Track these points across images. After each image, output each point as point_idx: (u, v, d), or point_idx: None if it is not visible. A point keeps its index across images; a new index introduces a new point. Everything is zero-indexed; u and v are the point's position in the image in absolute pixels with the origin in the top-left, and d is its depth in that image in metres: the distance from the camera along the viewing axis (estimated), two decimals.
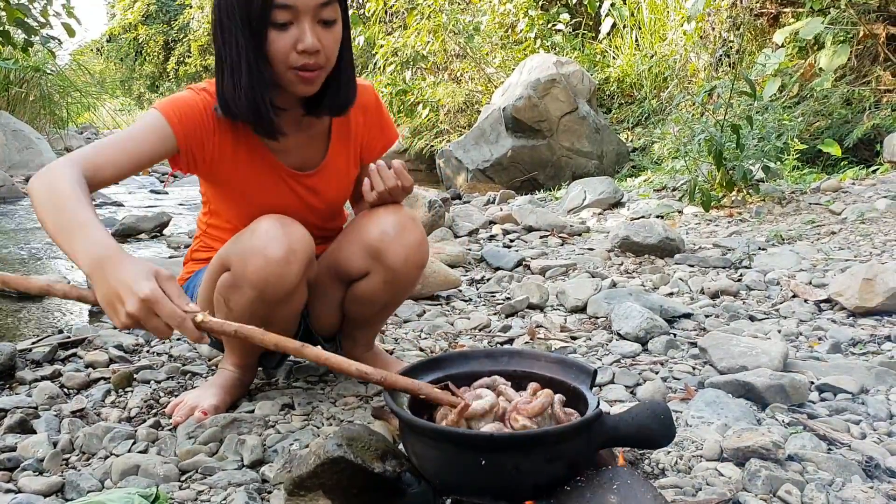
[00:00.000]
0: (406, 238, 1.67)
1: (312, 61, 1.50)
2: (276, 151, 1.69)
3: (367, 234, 1.68)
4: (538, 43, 9.62)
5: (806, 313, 2.52)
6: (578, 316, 2.62)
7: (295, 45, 1.48)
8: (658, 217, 4.60)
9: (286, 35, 1.48)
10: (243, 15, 1.47)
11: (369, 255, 1.68)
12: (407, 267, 1.69)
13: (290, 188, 1.73)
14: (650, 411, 1.15)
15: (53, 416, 1.72)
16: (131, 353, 2.26)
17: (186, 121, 1.56)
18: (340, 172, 1.79)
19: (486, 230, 4.47)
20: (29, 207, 5.81)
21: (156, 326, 1.18)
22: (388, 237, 1.66)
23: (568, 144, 7.43)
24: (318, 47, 1.49)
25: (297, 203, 1.74)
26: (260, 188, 1.69)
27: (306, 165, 1.74)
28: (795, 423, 1.65)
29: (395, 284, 1.73)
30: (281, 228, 1.52)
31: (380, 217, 1.68)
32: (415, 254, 1.69)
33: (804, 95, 6.38)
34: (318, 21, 1.49)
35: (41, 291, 1.31)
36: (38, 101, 10.45)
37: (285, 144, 1.69)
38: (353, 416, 1.70)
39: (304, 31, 1.47)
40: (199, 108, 1.59)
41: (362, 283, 1.74)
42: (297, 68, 1.50)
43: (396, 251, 1.66)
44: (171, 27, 25.97)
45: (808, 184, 4.89)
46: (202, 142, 1.59)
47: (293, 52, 1.49)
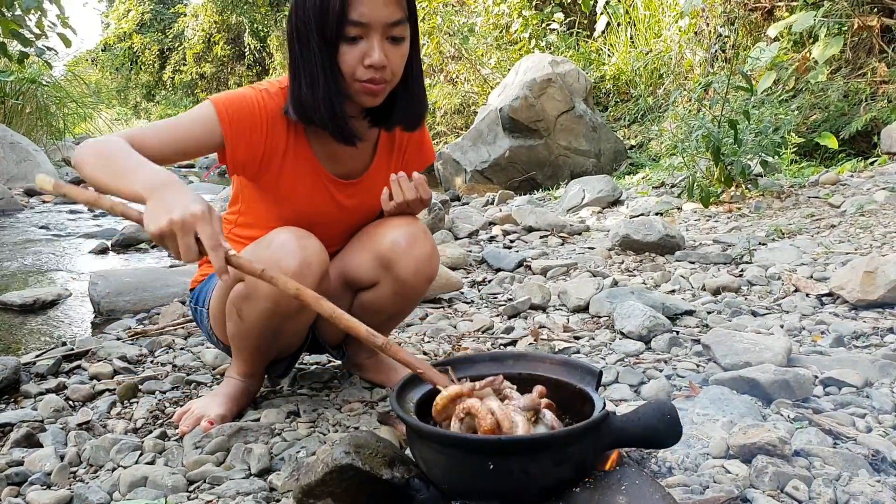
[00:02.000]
0: (417, 250, 1.68)
1: (378, 76, 1.54)
2: (323, 158, 1.71)
3: (378, 244, 1.69)
4: (533, 43, 9.64)
5: (808, 307, 2.52)
6: (581, 315, 2.62)
7: (363, 59, 1.52)
8: (657, 214, 4.61)
9: (356, 49, 1.51)
10: (318, 27, 1.51)
11: (380, 264, 1.69)
12: (416, 279, 1.69)
13: (330, 195, 1.74)
14: (657, 411, 1.15)
15: (60, 430, 1.72)
16: (135, 363, 2.26)
17: (237, 117, 1.58)
18: (380, 184, 1.78)
19: (486, 231, 4.47)
20: (26, 220, 5.82)
21: (187, 245, 1.23)
22: (400, 248, 1.66)
23: (565, 143, 7.43)
24: (385, 63, 1.53)
25: (334, 210, 1.76)
26: (303, 192, 1.71)
27: (350, 174, 1.76)
28: (801, 419, 1.65)
29: (403, 296, 1.74)
30: (296, 241, 1.53)
31: (392, 227, 1.69)
32: (425, 266, 1.69)
33: (800, 89, 6.38)
34: (387, 38, 1.53)
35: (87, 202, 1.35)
36: (35, 113, 10.45)
37: (333, 152, 1.71)
38: (358, 422, 1.71)
39: (372, 46, 1.51)
40: (254, 106, 1.61)
41: (371, 293, 1.74)
42: (364, 81, 1.54)
43: (407, 263, 1.67)
44: (165, 35, 25.98)
45: (807, 177, 4.89)
46: (251, 140, 1.61)
47: (360, 65, 1.52)
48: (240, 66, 23.51)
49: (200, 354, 2.26)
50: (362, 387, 1.93)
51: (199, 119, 1.57)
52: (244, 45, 22.76)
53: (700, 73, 7.70)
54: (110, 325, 2.77)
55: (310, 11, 1.51)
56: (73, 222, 5.77)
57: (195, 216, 1.24)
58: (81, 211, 6.46)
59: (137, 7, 26.66)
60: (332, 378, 2.01)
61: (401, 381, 1.32)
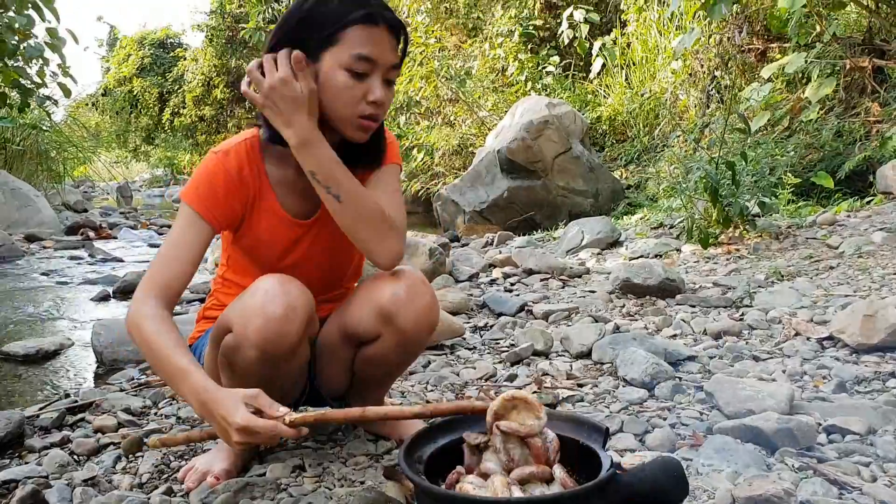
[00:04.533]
0: (418, 301, 1.69)
1: (377, 113, 1.62)
2: (283, 197, 1.74)
3: (378, 297, 1.70)
4: (529, 85, 9.75)
5: (809, 351, 2.53)
6: (584, 362, 2.63)
7: (366, 95, 1.58)
8: (657, 256, 4.63)
9: (361, 85, 1.58)
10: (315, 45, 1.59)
11: (380, 318, 1.70)
12: (418, 330, 1.71)
13: (293, 235, 1.76)
14: (663, 469, 1.16)
15: (65, 486, 1.72)
16: (139, 415, 2.26)
17: (209, 198, 1.64)
18: None
19: (487, 274, 4.49)
20: (27, 266, 5.83)
21: (262, 440, 1.36)
22: (400, 300, 1.67)
23: (563, 184, 7.48)
24: (385, 101, 1.62)
25: (306, 253, 1.79)
26: (269, 237, 1.75)
27: (308, 212, 1.78)
28: (805, 468, 1.65)
29: (406, 347, 1.75)
30: (280, 287, 1.54)
31: (391, 280, 1.70)
32: (426, 317, 1.71)
33: (795, 129, 6.46)
34: (384, 80, 1.61)
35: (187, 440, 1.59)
36: (35, 158, 10.52)
37: (291, 185, 1.74)
38: (364, 476, 1.70)
39: (376, 84, 1.59)
40: (218, 174, 1.66)
41: (373, 347, 1.75)
42: (363, 116, 1.61)
43: (408, 315, 1.68)
44: (165, 79, 26.26)
45: (804, 217, 4.93)
46: (228, 205, 1.67)
47: (363, 101, 1.59)
48: (239, 108, 23.73)
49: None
50: (367, 439, 1.93)
51: (185, 225, 1.63)
52: None
53: (695, 113, 7.79)
54: (113, 376, 2.77)
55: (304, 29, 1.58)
56: (73, 269, 5.78)
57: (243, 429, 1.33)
58: (82, 257, 6.48)
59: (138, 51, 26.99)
60: (335, 430, 2.01)
61: (409, 438, 1.33)
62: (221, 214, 1.66)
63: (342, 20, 1.55)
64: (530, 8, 10.39)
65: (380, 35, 1.57)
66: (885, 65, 6.13)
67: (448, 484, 1.21)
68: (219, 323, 1.65)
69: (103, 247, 7.18)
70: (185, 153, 25.46)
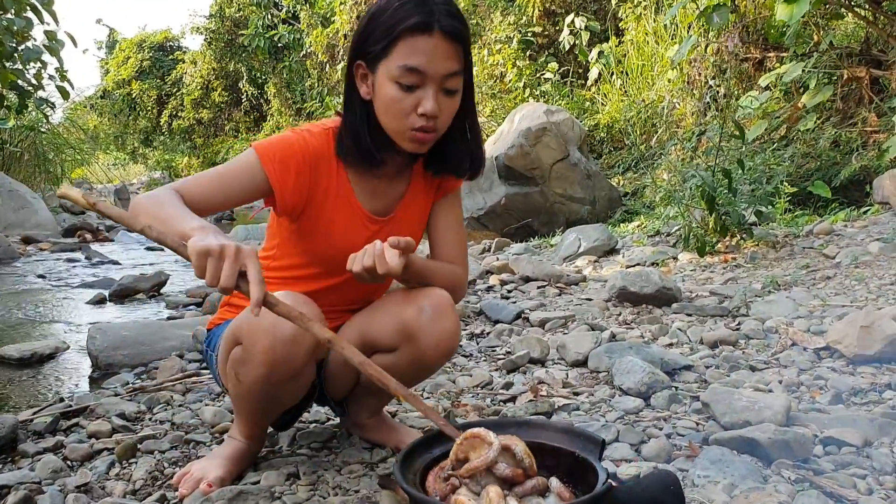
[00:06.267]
0: (442, 324, 1.64)
1: (430, 125, 1.57)
2: (361, 194, 1.74)
3: (403, 311, 1.66)
4: (527, 92, 9.77)
5: (805, 362, 2.53)
6: (580, 370, 2.63)
7: (416, 107, 1.55)
8: (653, 264, 4.63)
9: (411, 96, 1.55)
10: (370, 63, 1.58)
11: (402, 333, 1.66)
12: (437, 353, 1.67)
13: (364, 231, 1.74)
14: (660, 482, 1.15)
15: (58, 492, 1.71)
16: (134, 420, 2.25)
17: (281, 161, 1.62)
18: (414, 218, 1.82)
19: (484, 281, 4.48)
20: (23, 268, 5.81)
21: (231, 271, 1.25)
22: (425, 319, 1.63)
23: (561, 191, 7.49)
24: (437, 113, 1.56)
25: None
26: (339, 228, 1.72)
27: (387, 210, 1.78)
28: (802, 480, 1.65)
29: (420, 366, 1.71)
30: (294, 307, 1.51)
31: (419, 297, 1.66)
32: (448, 341, 1.66)
33: (792, 138, 6.47)
34: (441, 89, 1.56)
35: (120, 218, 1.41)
36: (33, 160, 10.53)
37: (371, 187, 1.74)
38: (358, 484, 1.70)
39: (427, 96, 1.54)
40: (297, 149, 1.65)
41: (387, 357, 1.70)
42: (415, 129, 1.58)
43: (430, 335, 1.64)
44: (164, 82, 26.26)
45: (801, 227, 4.93)
46: (297, 182, 1.64)
47: (413, 113, 1.56)
48: (237, 111, 23.74)
49: (199, 412, 2.25)
50: (362, 447, 1.92)
51: (244, 167, 1.61)
52: (241, 91, 22.99)
53: (693, 122, 7.80)
54: (108, 381, 2.76)
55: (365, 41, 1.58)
56: (70, 272, 5.77)
57: (247, 250, 1.28)
58: (79, 260, 6.47)
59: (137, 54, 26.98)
60: (331, 438, 2.00)
61: (405, 450, 1.32)
62: (288, 186, 1.63)
63: (394, 30, 1.52)
64: (529, 15, 10.41)
65: (432, 43, 1.52)
66: (881, 75, 6.15)
67: (442, 496, 1.20)
68: (231, 329, 1.63)
69: (100, 249, 7.18)
70: (182, 156, 25.46)
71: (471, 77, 1.66)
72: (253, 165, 1.61)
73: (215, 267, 1.26)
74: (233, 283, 1.26)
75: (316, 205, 1.70)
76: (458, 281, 1.82)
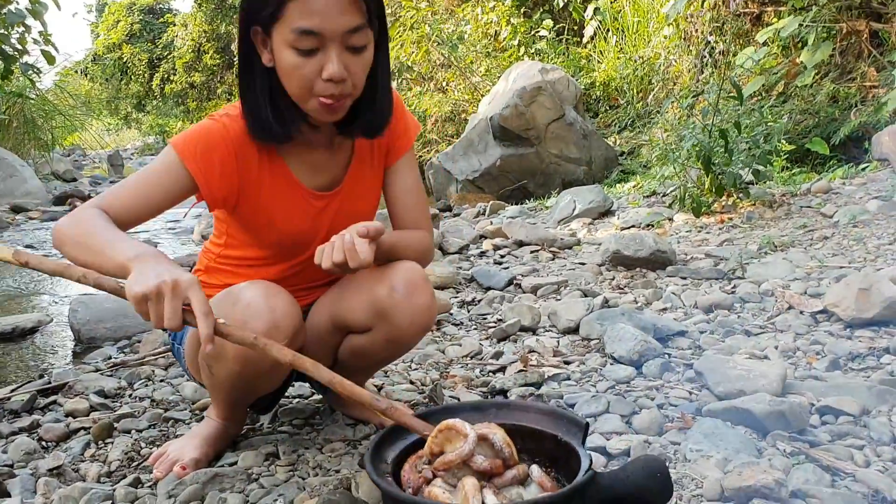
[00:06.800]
0: (415, 300, 1.56)
1: (338, 90, 1.42)
2: (300, 171, 1.62)
3: (374, 290, 1.58)
4: (522, 50, 9.61)
5: (802, 326, 2.47)
6: (571, 338, 2.57)
7: (320, 73, 1.40)
8: (649, 226, 4.56)
9: (311, 61, 1.39)
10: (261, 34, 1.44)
11: (374, 312, 1.58)
12: (412, 329, 1.59)
13: (311, 211, 1.64)
14: (646, 469, 1.09)
15: (30, 476, 1.66)
16: (113, 397, 2.20)
17: (202, 154, 1.49)
18: (363, 190, 1.71)
19: (477, 246, 4.41)
20: (10, 238, 5.74)
21: (174, 309, 1.18)
22: (398, 295, 1.55)
23: (556, 151, 7.38)
24: (345, 76, 1.41)
25: (318, 227, 1.66)
26: (282, 212, 1.61)
27: (332, 184, 1.66)
28: (797, 453, 1.60)
29: (396, 344, 1.64)
30: (265, 301, 1.42)
31: (390, 273, 1.57)
32: (422, 317, 1.58)
33: (789, 94, 6.35)
34: (346, 47, 1.40)
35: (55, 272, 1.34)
36: (22, 127, 10.37)
37: (311, 161, 1.62)
38: (339, 464, 1.64)
39: (330, 58, 1.39)
40: (217, 138, 1.51)
41: (362, 338, 1.64)
42: (322, 96, 1.43)
43: (403, 312, 1.56)
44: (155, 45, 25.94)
45: (798, 185, 4.85)
46: (223, 172, 1.51)
47: (318, 79, 1.41)
48: (229, 74, 23.47)
49: (180, 387, 2.20)
50: (345, 423, 1.86)
51: (164, 168, 1.48)
52: (233, 53, 22.69)
53: (689, 79, 7.67)
54: (91, 355, 2.71)
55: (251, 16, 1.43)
56: None
57: (187, 281, 1.19)
58: None
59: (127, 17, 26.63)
60: (314, 414, 1.94)
61: (376, 438, 1.25)
62: (215, 180, 1.50)
63: None
64: None
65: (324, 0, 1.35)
66: (881, 28, 6.01)
67: (415, 487, 1.14)
68: None
69: None
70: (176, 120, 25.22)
71: (383, 24, 1.50)
72: (174, 165, 1.48)
73: (156, 309, 1.18)
74: (178, 323, 1.19)
75: (251, 192, 1.58)
76: (426, 248, 1.75)
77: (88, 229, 1.34)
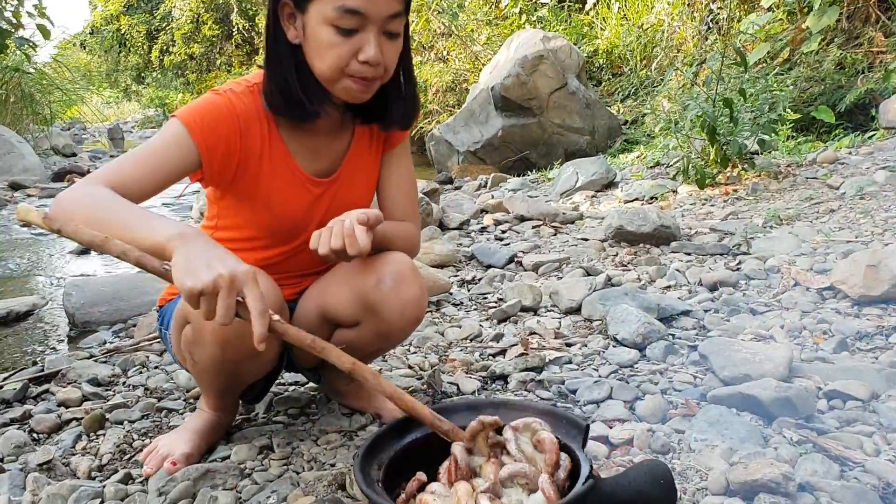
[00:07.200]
0: (404, 292, 1.52)
1: (371, 74, 1.41)
2: (300, 155, 1.58)
3: (361, 283, 1.54)
4: (524, 18, 9.48)
5: (808, 303, 2.42)
6: (573, 318, 2.52)
7: (356, 54, 1.38)
8: (652, 199, 4.50)
9: (350, 41, 1.38)
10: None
11: (362, 305, 1.54)
12: (402, 322, 1.55)
13: (308, 196, 1.60)
14: (649, 475, 1.04)
15: (19, 471, 1.62)
16: (107, 385, 2.16)
17: (209, 127, 1.44)
18: (360, 177, 1.67)
19: (478, 220, 4.36)
20: (8, 217, 5.69)
21: (228, 305, 1.11)
22: (385, 288, 1.51)
23: (559, 121, 7.30)
24: (381, 60, 1.40)
25: (314, 213, 1.62)
26: (279, 195, 1.57)
27: (330, 170, 1.63)
28: (804, 441, 1.55)
29: (387, 337, 1.60)
30: None
31: (378, 265, 1.53)
32: (412, 309, 1.54)
33: (795, 61, 6.24)
34: (384, 32, 1.40)
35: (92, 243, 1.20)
36: (19, 102, 10.26)
37: (311, 146, 1.59)
38: (335, 457, 1.60)
39: (369, 41, 1.38)
40: (223, 112, 1.46)
41: (351, 332, 1.60)
42: (354, 77, 1.41)
43: (392, 305, 1.51)
44: (153, 17, 25.65)
45: (804, 155, 4.77)
46: (227, 147, 1.47)
47: (354, 59, 1.39)
48: (228, 45, 23.22)
49: (174, 374, 2.16)
50: (341, 413, 1.82)
51: (171, 141, 1.42)
52: (232, 24, 22.46)
53: (693, 46, 7.54)
54: (85, 339, 2.67)
55: None
56: None
57: (245, 274, 1.12)
58: None
59: None
60: (309, 403, 1.90)
61: (366, 444, 1.20)
62: (217, 155, 1.45)
63: None
64: None
65: None
66: None
67: (408, 494, 1.09)
68: (178, 311, 1.52)
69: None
70: (176, 93, 25.02)
71: (407, 21, 1.49)
72: (181, 138, 1.42)
73: (208, 304, 1.11)
74: (230, 320, 1.11)
75: (250, 171, 1.53)
76: (414, 240, 1.73)
77: (102, 204, 1.25)
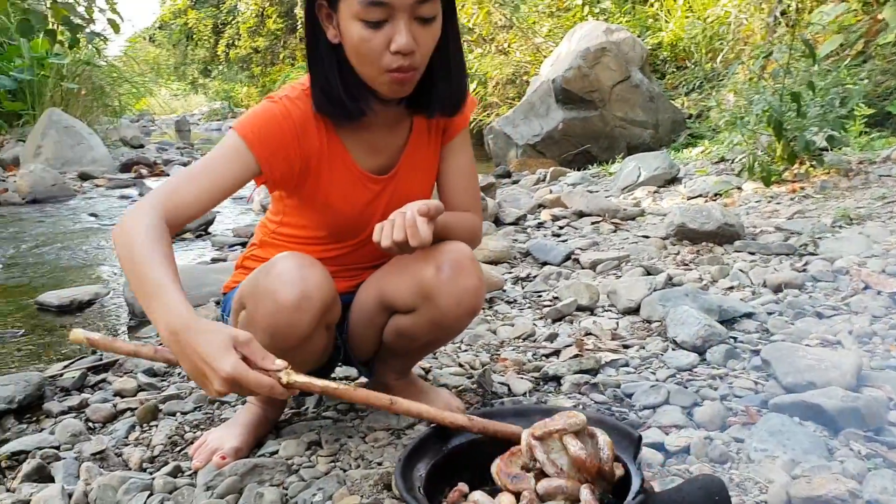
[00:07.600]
0: (462, 282, 1.50)
1: (407, 63, 1.38)
2: (358, 153, 1.58)
3: (420, 270, 1.53)
4: (586, 10, 9.35)
5: (880, 308, 2.31)
6: (631, 319, 2.46)
7: (388, 45, 1.36)
8: (716, 195, 4.37)
9: (380, 34, 1.36)
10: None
11: (419, 293, 1.53)
12: (458, 312, 1.53)
13: (368, 194, 1.61)
14: (704, 490, 0.99)
15: (74, 460, 1.65)
16: (162, 375, 2.19)
17: (267, 138, 1.45)
18: (420, 170, 1.67)
19: (535, 216, 4.30)
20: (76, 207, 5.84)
21: (249, 392, 1.15)
22: (443, 276, 1.50)
23: (621, 114, 7.17)
24: (414, 48, 1.37)
25: (375, 210, 1.62)
26: (340, 195, 1.58)
27: (386, 167, 1.63)
28: (873, 455, 1.47)
29: (442, 327, 1.58)
30: (297, 271, 1.38)
31: (437, 254, 1.52)
32: (469, 300, 1.53)
33: (870, 54, 6.01)
34: (414, 18, 1.36)
35: (129, 353, 1.34)
36: (90, 94, 10.53)
37: (369, 142, 1.59)
38: (382, 455, 1.58)
39: (399, 30, 1.35)
40: (280, 121, 1.47)
41: (407, 318, 1.59)
42: (391, 70, 1.39)
43: (449, 294, 1.50)
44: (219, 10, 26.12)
45: (877, 151, 4.58)
46: (287, 156, 1.48)
47: (386, 52, 1.37)
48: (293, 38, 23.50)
49: None
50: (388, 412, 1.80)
51: (230, 155, 1.44)
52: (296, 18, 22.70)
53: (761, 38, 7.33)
54: (143, 329, 2.71)
55: None
56: (123, 210, 5.77)
57: (230, 379, 1.10)
58: (132, 196, 6.48)
59: None
60: None
61: (407, 450, 1.17)
62: (277, 164, 1.47)
63: None
64: None
65: None
66: None
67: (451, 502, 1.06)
68: (239, 292, 1.53)
69: (153, 185, 7.17)
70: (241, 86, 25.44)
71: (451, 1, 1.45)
72: (240, 150, 1.43)
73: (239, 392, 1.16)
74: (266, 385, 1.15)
75: (311, 175, 1.54)
76: (476, 231, 1.72)
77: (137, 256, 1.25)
